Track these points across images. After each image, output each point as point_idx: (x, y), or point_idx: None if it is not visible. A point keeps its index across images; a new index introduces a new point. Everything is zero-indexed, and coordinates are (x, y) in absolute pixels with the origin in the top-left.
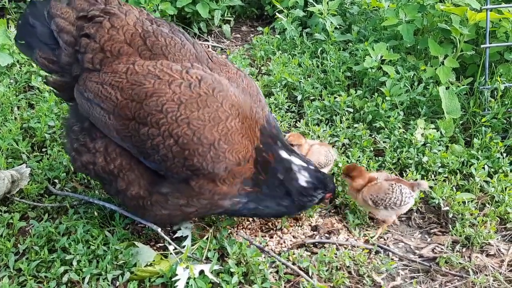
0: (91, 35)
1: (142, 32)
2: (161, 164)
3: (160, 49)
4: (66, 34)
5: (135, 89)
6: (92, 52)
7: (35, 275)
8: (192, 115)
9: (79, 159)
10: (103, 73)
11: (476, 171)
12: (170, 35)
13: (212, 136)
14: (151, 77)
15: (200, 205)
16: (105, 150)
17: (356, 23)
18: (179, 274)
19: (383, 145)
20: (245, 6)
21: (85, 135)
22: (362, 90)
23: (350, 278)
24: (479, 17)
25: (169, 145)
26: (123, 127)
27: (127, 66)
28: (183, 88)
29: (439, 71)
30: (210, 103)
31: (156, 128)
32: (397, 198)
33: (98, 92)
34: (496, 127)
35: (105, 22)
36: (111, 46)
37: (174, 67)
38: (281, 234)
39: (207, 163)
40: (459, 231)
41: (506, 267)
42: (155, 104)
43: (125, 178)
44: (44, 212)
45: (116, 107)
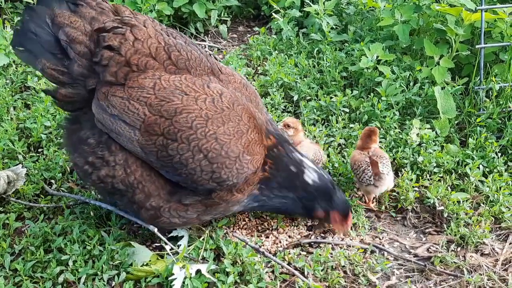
0: (115, 47)
1: (165, 45)
2: (188, 177)
3: (184, 63)
4: (79, 45)
5: (164, 105)
6: (116, 66)
7: (31, 276)
8: (219, 130)
9: (95, 173)
10: (129, 88)
11: (471, 170)
12: (189, 49)
13: (237, 149)
14: (178, 93)
15: (216, 212)
16: (126, 163)
17: (352, 23)
18: (175, 273)
19: (379, 145)
20: (242, 6)
21: (103, 148)
22: (358, 90)
23: (346, 278)
24: (474, 17)
25: (198, 159)
26: (150, 142)
27: (154, 81)
28: (208, 104)
29: (434, 71)
30: (233, 117)
31: (186, 144)
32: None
33: (124, 108)
34: (491, 127)
35: (128, 34)
36: (138, 60)
37: (197, 82)
38: (277, 234)
39: (232, 174)
40: (454, 231)
41: (500, 266)
42: (185, 120)
43: (145, 189)
44: (40, 213)
45: (143, 123)
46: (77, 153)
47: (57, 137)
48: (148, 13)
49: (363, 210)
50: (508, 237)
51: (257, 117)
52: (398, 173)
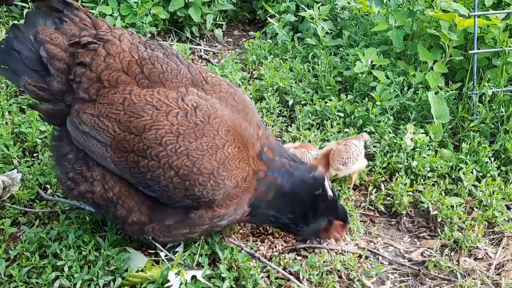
0: (86, 63)
1: (138, 59)
2: (163, 194)
3: (157, 76)
4: (58, 61)
5: (133, 121)
6: (88, 82)
7: (26, 281)
8: (191, 145)
9: (76, 188)
10: (99, 104)
11: (464, 175)
12: (166, 60)
13: (211, 166)
14: (148, 108)
15: (201, 230)
16: (103, 178)
17: (347, 28)
18: (171, 280)
19: (373, 150)
20: (237, 10)
21: (82, 164)
22: (353, 95)
23: (341, 282)
24: (468, 23)
25: (169, 176)
26: (122, 159)
27: (124, 96)
28: (180, 119)
29: (428, 76)
30: (207, 132)
31: (156, 161)
32: (355, 150)
33: (94, 125)
34: (484, 132)
35: (100, 49)
36: (109, 75)
37: (170, 95)
38: (272, 239)
39: (207, 191)
40: (447, 235)
41: (493, 271)
42: (154, 137)
43: (125, 205)
44: (35, 218)
45: (114, 139)
46: (59, 169)
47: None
48: (143, 17)
49: (358, 215)
50: (501, 242)
51: (244, 129)
52: (392, 177)
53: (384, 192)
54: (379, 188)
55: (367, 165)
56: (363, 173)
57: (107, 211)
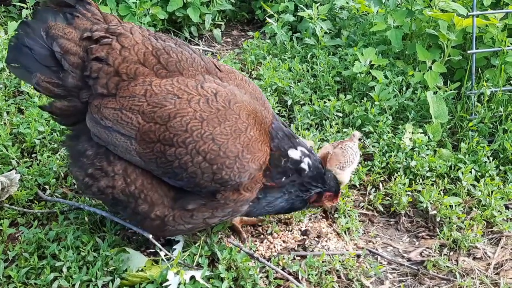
0: (102, 58)
1: (153, 49)
2: (190, 181)
3: (174, 65)
4: (73, 56)
5: (157, 111)
6: (106, 77)
7: (25, 282)
8: (215, 130)
9: (95, 184)
10: (120, 97)
11: (463, 175)
12: (179, 50)
13: (236, 148)
14: (171, 97)
15: (223, 214)
16: (125, 172)
17: (346, 28)
18: (170, 279)
19: (372, 150)
20: (236, 10)
21: (102, 159)
22: (352, 94)
23: (339, 282)
24: (466, 23)
25: (197, 162)
26: (148, 150)
27: (145, 87)
28: (202, 105)
29: (427, 76)
30: (229, 116)
31: (183, 148)
32: (351, 154)
33: (117, 119)
34: (483, 132)
35: (115, 43)
36: (127, 68)
37: (190, 83)
38: (271, 239)
39: (234, 174)
40: (446, 235)
41: (492, 270)
42: (179, 124)
43: (147, 199)
44: (34, 219)
45: (138, 131)
46: (76, 166)
47: (50, 142)
48: (142, 17)
49: (356, 214)
50: (500, 241)
51: (260, 114)
52: (391, 177)
53: (383, 192)
54: (378, 188)
55: (366, 165)
56: (362, 173)
57: (126, 207)
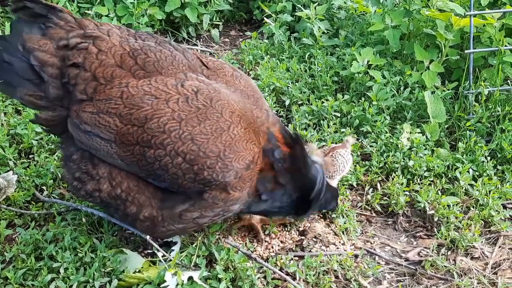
0: (79, 64)
1: (130, 50)
2: (173, 182)
3: (152, 65)
4: (50, 67)
5: (133, 113)
6: (84, 82)
7: (22, 284)
8: (194, 130)
9: (83, 188)
10: (97, 101)
11: (461, 174)
12: (158, 48)
13: (217, 148)
14: (148, 98)
15: (214, 214)
16: (110, 175)
17: (344, 28)
18: (167, 280)
19: (370, 149)
20: (234, 10)
21: (87, 163)
22: (349, 94)
23: (337, 283)
24: (464, 22)
25: (177, 163)
26: (128, 153)
27: (121, 89)
28: (181, 104)
29: (424, 75)
30: (210, 115)
31: (161, 149)
32: (342, 162)
33: (95, 123)
34: (481, 131)
35: (91, 47)
36: (103, 71)
37: (169, 82)
38: (269, 239)
39: (217, 174)
40: (444, 235)
41: (490, 270)
42: (156, 125)
43: (135, 201)
44: (31, 220)
45: (117, 134)
46: (66, 170)
47: (48, 143)
48: (140, 17)
49: (354, 214)
50: (498, 241)
51: (250, 112)
52: (389, 177)
53: (380, 191)
54: (376, 188)
55: (364, 165)
56: (360, 173)
57: (117, 210)
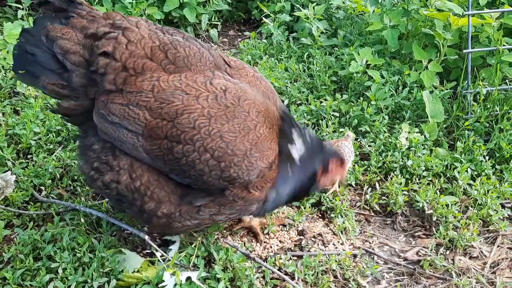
0: (109, 53)
1: (160, 44)
2: (198, 178)
3: (182, 61)
4: (74, 55)
5: (164, 107)
6: (114, 72)
7: (20, 284)
8: (223, 127)
9: (100, 178)
10: (127, 93)
11: (459, 174)
12: (187, 44)
13: (244, 146)
14: (178, 93)
15: (231, 212)
16: (131, 167)
17: (342, 27)
18: (166, 280)
19: (369, 149)
20: (232, 10)
21: (108, 153)
22: (348, 94)
23: (336, 282)
24: (462, 22)
25: (205, 159)
26: (155, 147)
27: (152, 83)
28: (211, 101)
29: (423, 75)
30: (238, 114)
31: (190, 145)
32: (347, 152)
33: (124, 114)
34: (479, 131)
35: (121, 37)
36: (134, 62)
37: (198, 79)
38: (267, 239)
39: (242, 172)
40: (442, 234)
41: (488, 269)
42: (187, 121)
43: (154, 196)
44: (29, 220)
45: (145, 128)
46: (83, 160)
47: (46, 143)
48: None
49: (353, 214)
50: (496, 240)
51: (272, 113)
52: (387, 176)
53: (379, 191)
54: (374, 188)
55: (362, 164)
56: (359, 173)
57: (132, 205)
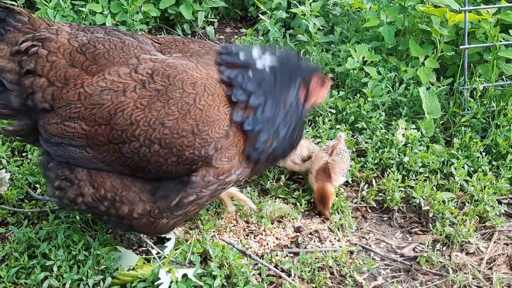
0: (32, 70)
1: (79, 46)
2: (158, 170)
3: (103, 57)
4: (9, 73)
5: (96, 113)
6: (40, 90)
7: (15, 282)
8: (160, 114)
9: (64, 196)
10: (58, 109)
11: (456, 170)
12: (107, 38)
13: (188, 125)
14: (106, 93)
15: (211, 191)
16: (90, 177)
17: (339, 24)
18: (162, 277)
19: (365, 146)
20: (229, 7)
21: (63, 169)
22: (345, 91)
23: (332, 279)
24: (458, 18)
25: (155, 150)
26: (105, 153)
27: (77, 91)
28: (139, 91)
29: (419, 71)
30: (172, 93)
31: (135, 141)
32: (347, 155)
33: (63, 132)
34: (476, 127)
35: (41, 50)
36: (56, 74)
37: (122, 71)
38: (264, 236)
39: (198, 150)
40: (439, 230)
41: (485, 265)
42: (122, 119)
43: (123, 199)
44: (24, 218)
45: (87, 138)
46: (47, 182)
47: None
48: (134, 14)
49: (350, 211)
50: (493, 236)
51: (209, 72)
52: (384, 173)
53: (375, 188)
54: (371, 184)
55: (359, 161)
56: (355, 170)
57: (109, 215)
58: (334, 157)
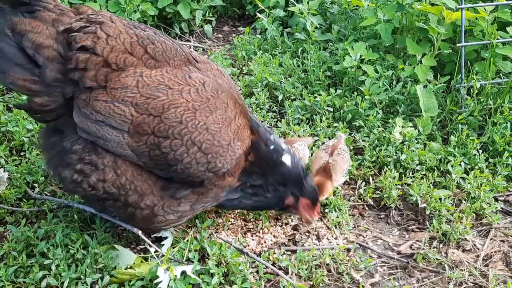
0: (89, 47)
1: (138, 39)
2: (184, 172)
3: (161, 55)
4: (47, 49)
5: (150, 102)
6: (95, 68)
7: (14, 281)
8: (208, 120)
9: (85, 180)
10: (111, 89)
11: (453, 168)
12: (162, 39)
13: (228, 137)
14: (163, 88)
15: (207, 200)
16: (115, 164)
17: (336, 22)
18: (160, 276)
19: (363, 144)
20: (227, 6)
21: (91, 153)
22: (342, 89)
23: (330, 276)
24: (455, 16)
25: (193, 152)
26: (141, 143)
27: (136, 78)
28: (193, 95)
29: (417, 69)
30: (219, 105)
31: (179, 139)
32: (347, 155)
33: (109, 112)
34: (472, 125)
35: (100, 32)
36: (116, 57)
37: (178, 73)
38: (261, 234)
39: (226, 162)
40: (436, 228)
41: (481, 262)
42: (174, 115)
43: (137, 189)
44: (22, 217)
45: (131, 124)
46: (62, 166)
47: (39, 140)
48: (132, 13)
49: (347, 208)
50: (489, 233)
51: (241, 102)
52: (381, 171)
53: (373, 185)
54: (368, 182)
55: (356, 159)
56: (353, 167)
57: (116, 201)
58: (335, 157)
